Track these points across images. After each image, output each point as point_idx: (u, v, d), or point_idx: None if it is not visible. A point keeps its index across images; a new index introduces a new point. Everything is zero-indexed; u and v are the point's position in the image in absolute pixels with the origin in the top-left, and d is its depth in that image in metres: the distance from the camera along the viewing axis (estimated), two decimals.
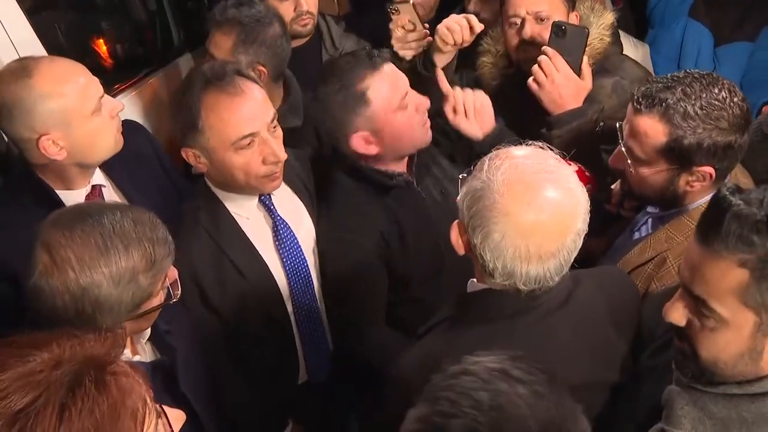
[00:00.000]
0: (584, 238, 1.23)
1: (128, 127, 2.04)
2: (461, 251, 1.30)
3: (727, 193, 1.06)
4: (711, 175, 1.50)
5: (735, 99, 1.45)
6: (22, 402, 0.83)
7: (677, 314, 1.14)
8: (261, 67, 2.15)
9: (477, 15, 2.37)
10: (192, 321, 1.69)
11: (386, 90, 1.75)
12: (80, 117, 1.62)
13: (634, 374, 1.36)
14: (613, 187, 1.86)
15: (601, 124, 1.92)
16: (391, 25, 2.20)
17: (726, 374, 1.12)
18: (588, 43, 1.99)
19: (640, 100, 1.51)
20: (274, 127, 1.67)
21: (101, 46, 2.63)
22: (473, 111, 1.94)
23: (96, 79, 1.69)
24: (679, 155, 1.48)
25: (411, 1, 2.19)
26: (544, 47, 1.97)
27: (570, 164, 1.38)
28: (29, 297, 1.23)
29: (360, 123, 1.76)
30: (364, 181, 1.84)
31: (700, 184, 1.52)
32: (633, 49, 2.53)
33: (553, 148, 1.28)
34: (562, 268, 1.22)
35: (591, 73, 1.98)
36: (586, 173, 1.81)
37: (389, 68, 1.78)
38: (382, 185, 1.84)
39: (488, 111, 1.96)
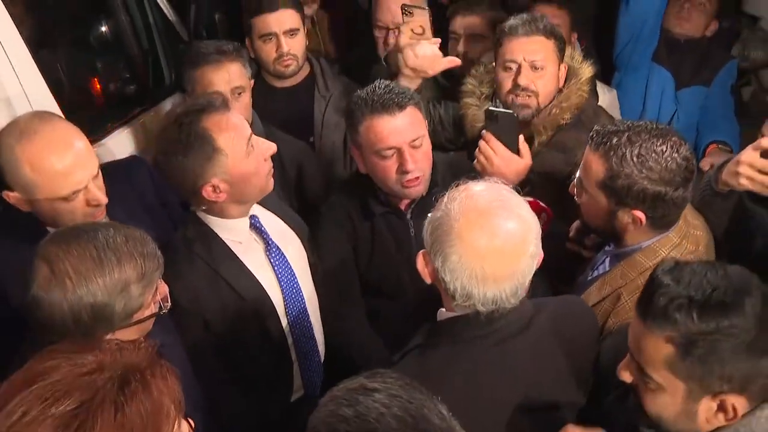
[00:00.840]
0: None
1: (130, 163, 2.15)
2: (428, 279, 1.40)
3: (660, 272, 1.18)
4: (641, 221, 1.60)
5: (674, 155, 1.55)
6: (79, 400, 0.95)
7: (627, 374, 1.27)
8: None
9: (464, 54, 2.51)
10: (187, 341, 1.76)
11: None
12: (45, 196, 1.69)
13: (601, 414, 1.45)
14: (572, 226, 1.97)
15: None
16: (402, 28, 2.29)
17: (672, 430, 1.23)
18: (567, 97, 2.15)
19: (594, 137, 1.65)
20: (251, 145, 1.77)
21: (96, 85, 2.74)
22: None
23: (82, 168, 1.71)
24: (614, 193, 1.60)
25: (427, 8, 2.28)
26: (483, 132, 2.09)
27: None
28: (28, 309, 1.32)
29: None
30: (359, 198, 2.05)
31: (633, 226, 1.63)
32: (602, 95, 2.68)
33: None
34: (518, 290, 1.33)
35: (529, 150, 2.08)
36: (541, 204, 1.93)
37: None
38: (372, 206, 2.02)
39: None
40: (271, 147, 1.81)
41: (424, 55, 2.21)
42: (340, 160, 2.64)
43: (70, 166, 1.66)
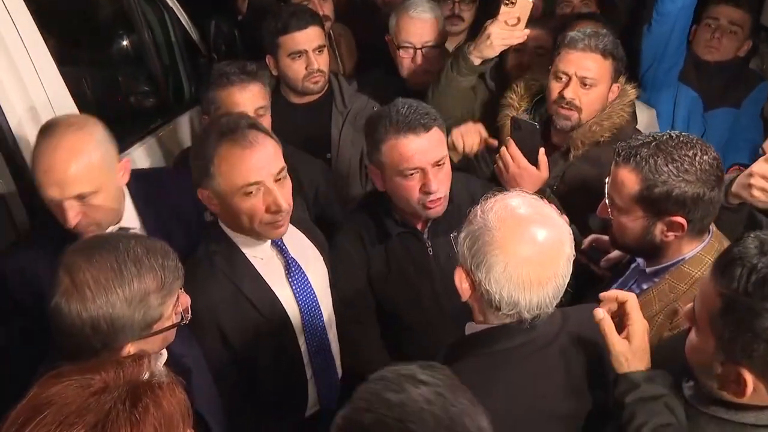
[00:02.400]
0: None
1: (173, 171, 2.22)
2: (465, 296, 1.39)
3: (751, 237, 1.20)
4: (683, 226, 1.60)
5: (705, 157, 1.57)
6: (93, 422, 0.95)
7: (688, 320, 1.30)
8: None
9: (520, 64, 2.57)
10: (206, 354, 1.77)
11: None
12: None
13: None
14: (587, 240, 1.99)
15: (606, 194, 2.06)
16: (500, 15, 2.31)
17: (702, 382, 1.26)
18: (609, 116, 2.19)
19: (620, 153, 1.65)
20: (279, 179, 1.76)
21: (117, 98, 2.79)
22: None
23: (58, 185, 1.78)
24: (651, 204, 1.60)
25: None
26: (507, 138, 2.13)
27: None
28: (50, 316, 1.34)
29: None
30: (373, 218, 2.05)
31: (674, 233, 1.62)
32: (640, 113, 2.62)
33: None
34: (559, 293, 1.34)
35: (546, 162, 2.11)
36: (556, 209, 1.95)
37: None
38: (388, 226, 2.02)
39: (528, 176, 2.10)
40: (281, 206, 1.76)
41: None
42: (356, 177, 2.66)
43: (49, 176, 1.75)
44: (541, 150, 2.09)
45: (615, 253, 1.95)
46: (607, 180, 1.72)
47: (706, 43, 2.89)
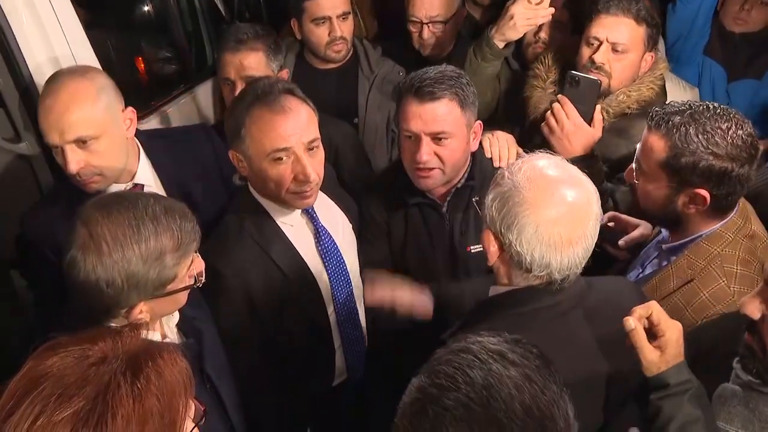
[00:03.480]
0: None
1: (193, 131, 2.21)
2: (493, 259, 1.40)
3: None
4: (705, 199, 1.56)
5: (739, 132, 1.53)
6: (93, 393, 0.93)
7: (752, 307, 1.25)
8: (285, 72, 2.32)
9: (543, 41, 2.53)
10: (228, 317, 1.77)
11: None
12: None
13: None
14: (605, 216, 1.93)
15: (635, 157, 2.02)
16: None
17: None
18: (638, 87, 2.11)
19: (653, 117, 1.62)
20: (312, 148, 1.75)
21: (141, 63, 2.78)
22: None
23: (59, 130, 1.78)
24: (677, 172, 1.57)
25: None
26: (558, 95, 2.06)
27: None
28: (66, 269, 1.34)
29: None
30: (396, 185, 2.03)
31: (695, 207, 1.59)
32: (682, 91, 2.56)
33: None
34: (587, 254, 1.34)
35: (602, 121, 2.06)
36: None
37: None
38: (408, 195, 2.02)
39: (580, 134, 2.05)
40: (309, 176, 1.73)
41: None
42: (383, 142, 2.64)
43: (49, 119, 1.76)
44: (598, 107, 2.04)
45: (635, 233, 1.91)
46: (638, 145, 1.69)
47: (735, 14, 2.83)
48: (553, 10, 2.28)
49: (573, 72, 2.07)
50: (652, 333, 1.33)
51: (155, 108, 2.52)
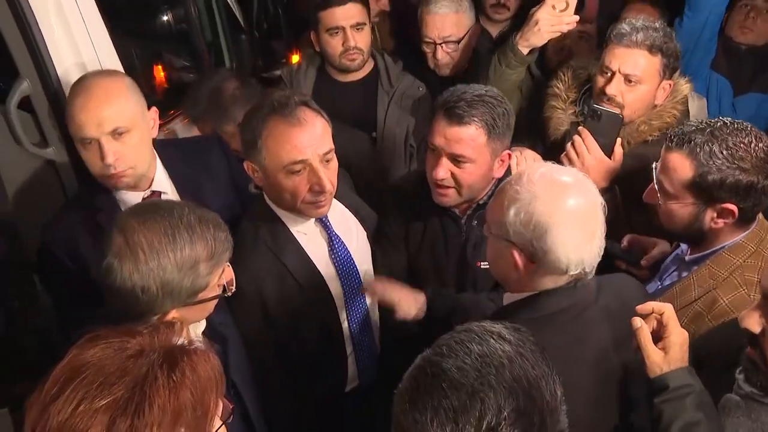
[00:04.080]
0: None
1: (205, 141, 2.23)
2: (519, 273, 1.41)
3: None
4: (734, 213, 1.60)
5: (760, 144, 1.58)
6: (132, 384, 0.97)
7: (752, 321, 1.28)
8: None
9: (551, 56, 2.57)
10: (244, 326, 1.80)
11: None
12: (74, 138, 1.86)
13: None
14: (626, 239, 1.98)
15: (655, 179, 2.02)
16: (548, 0, 2.27)
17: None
18: (659, 115, 2.12)
19: (672, 138, 1.65)
20: (328, 159, 1.78)
21: (161, 71, 2.83)
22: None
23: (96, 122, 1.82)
24: (704, 190, 1.60)
25: None
26: (579, 128, 2.08)
27: None
28: (101, 275, 1.38)
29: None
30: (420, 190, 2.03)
31: (723, 221, 1.63)
32: (691, 101, 2.54)
33: None
34: (603, 242, 1.41)
35: (622, 153, 2.07)
36: None
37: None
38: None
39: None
40: (324, 187, 1.77)
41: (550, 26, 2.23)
42: (401, 157, 2.65)
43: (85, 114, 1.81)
44: (618, 140, 2.06)
45: (655, 251, 1.93)
46: (655, 165, 1.72)
47: (740, 24, 2.87)
48: (577, 17, 2.29)
49: (595, 105, 2.08)
50: (658, 336, 1.37)
51: (174, 116, 2.57)
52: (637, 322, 1.36)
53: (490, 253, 1.53)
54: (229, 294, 1.52)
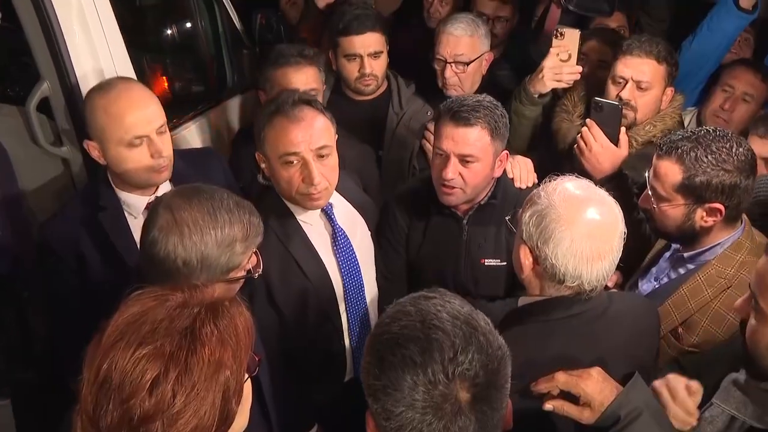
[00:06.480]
0: None
1: (202, 154, 2.35)
2: (526, 271, 1.52)
3: None
4: (721, 211, 1.75)
5: (740, 149, 1.74)
6: (182, 328, 1.07)
7: (742, 309, 1.39)
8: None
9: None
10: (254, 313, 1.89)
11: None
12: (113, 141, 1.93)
13: None
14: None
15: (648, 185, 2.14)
16: (552, 49, 2.45)
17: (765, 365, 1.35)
18: (662, 118, 2.37)
19: (662, 146, 1.82)
20: (323, 155, 1.90)
21: (167, 81, 2.94)
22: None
23: (146, 120, 1.94)
24: (692, 191, 1.75)
25: (579, 31, 2.44)
26: (586, 120, 2.28)
27: None
28: (144, 248, 1.50)
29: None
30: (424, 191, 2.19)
31: (713, 219, 1.77)
32: (686, 115, 2.76)
33: None
34: (613, 267, 1.48)
35: (627, 141, 2.25)
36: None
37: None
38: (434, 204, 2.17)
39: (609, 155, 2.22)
40: (313, 180, 1.89)
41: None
42: (404, 177, 2.71)
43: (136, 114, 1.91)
44: (622, 129, 2.24)
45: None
46: (647, 172, 1.88)
47: (714, 112, 2.80)
48: (580, 68, 2.48)
49: (597, 99, 2.27)
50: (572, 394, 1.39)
51: (177, 125, 2.67)
52: (549, 406, 1.38)
53: (514, 248, 1.62)
54: (255, 276, 1.63)
